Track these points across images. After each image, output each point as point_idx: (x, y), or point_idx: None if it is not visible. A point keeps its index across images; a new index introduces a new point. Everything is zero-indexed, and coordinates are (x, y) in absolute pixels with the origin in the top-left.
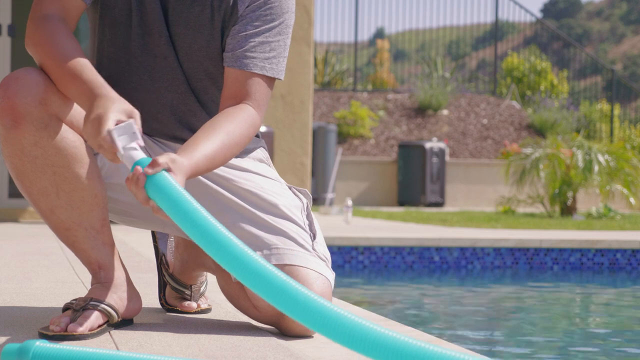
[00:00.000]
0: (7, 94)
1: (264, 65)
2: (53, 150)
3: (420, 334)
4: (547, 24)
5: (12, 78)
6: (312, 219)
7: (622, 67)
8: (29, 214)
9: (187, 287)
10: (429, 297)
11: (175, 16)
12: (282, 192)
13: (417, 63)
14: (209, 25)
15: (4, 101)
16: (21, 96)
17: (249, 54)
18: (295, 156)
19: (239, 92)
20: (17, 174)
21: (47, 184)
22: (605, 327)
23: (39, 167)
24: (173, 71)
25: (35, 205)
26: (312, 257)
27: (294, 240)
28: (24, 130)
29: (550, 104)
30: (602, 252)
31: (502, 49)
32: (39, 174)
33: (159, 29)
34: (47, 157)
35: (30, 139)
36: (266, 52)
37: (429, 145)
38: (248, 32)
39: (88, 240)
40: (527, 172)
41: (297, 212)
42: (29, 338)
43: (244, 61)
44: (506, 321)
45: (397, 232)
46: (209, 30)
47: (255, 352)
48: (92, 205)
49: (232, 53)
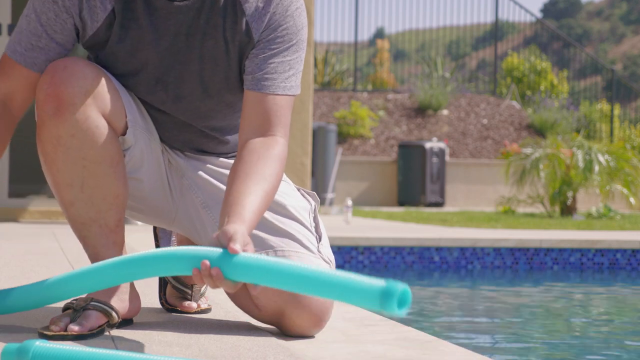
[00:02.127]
0: (54, 81)
1: (285, 85)
2: (89, 144)
3: (419, 334)
4: (547, 24)
5: (61, 66)
6: (319, 221)
7: (622, 67)
8: (29, 214)
9: (188, 286)
10: (429, 297)
11: (187, 55)
12: (291, 192)
13: (417, 63)
14: (225, 57)
15: (50, 87)
16: (68, 85)
17: (269, 75)
18: (295, 156)
19: (265, 120)
20: (47, 161)
21: (74, 176)
22: (605, 327)
23: (70, 158)
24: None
25: (57, 194)
26: (316, 259)
27: (300, 242)
28: (65, 120)
29: (550, 104)
30: (602, 252)
31: (502, 49)
32: (70, 165)
33: (155, 75)
34: (81, 150)
35: (69, 130)
36: (286, 71)
37: (429, 145)
38: (266, 54)
39: (100, 238)
40: (527, 172)
41: (305, 213)
42: (29, 338)
43: (265, 84)
44: (506, 321)
45: (397, 232)
46: (225, 62)
47: (255, 352)
48: (111, 204)
49: (252, 76)
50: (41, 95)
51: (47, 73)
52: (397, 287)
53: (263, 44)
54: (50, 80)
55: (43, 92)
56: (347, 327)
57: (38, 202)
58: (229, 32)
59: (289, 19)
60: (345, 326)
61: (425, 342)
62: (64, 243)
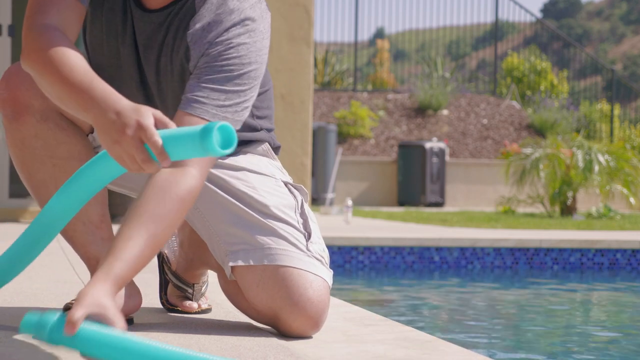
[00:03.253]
0: (10, 86)
1: (216, 113)
2: (54, 142)
3: (419, 334)
4: (547, 24)
5: (15, 70)
6: (307, 217)
7: (622, 67)
8: (29, 214)
9: (190, 285)
10: (428, 297)
11: (147, 64)
12: (274, 191)
13: (417, 63)
14: (178, 74)
15: (6, 92)
16: (23, 88)
17: (200, 99)
18: (295, 156)
19: None
20: (18, 164)
21: (46, 175)
22: (605, 327)
23: (38, 158)
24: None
25: (35, 196)
26: (306, 257)
27: (287, 240)
28: (25, 122)
29: (550, 104)
30: (602, 252)
31: (502, 49)
32: (39, 165)
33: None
34: (48, 149)
35: (31, 131)
36: (220, 100)
37: (429, 145)
38: (202, 78)
39: (86, 235)
40: (527, 172)
41: (290, 211)
42: (29, 338)
43: (193, 105)
44: (506, 321)
45: (397, 232)
46: (178, 80)
47: (256, 352)
48: (92, 201)
49: (185, 96)
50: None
51: (3, 79)
52: (215, 124)
53: (201, 70)
54: (6, 85)
55: (0, 97)
56: (347, 327)
57: None
58: (174, 53)
59: (231, 50)
60: (345, 326)
61: (425, 342)
62: (64, 243)
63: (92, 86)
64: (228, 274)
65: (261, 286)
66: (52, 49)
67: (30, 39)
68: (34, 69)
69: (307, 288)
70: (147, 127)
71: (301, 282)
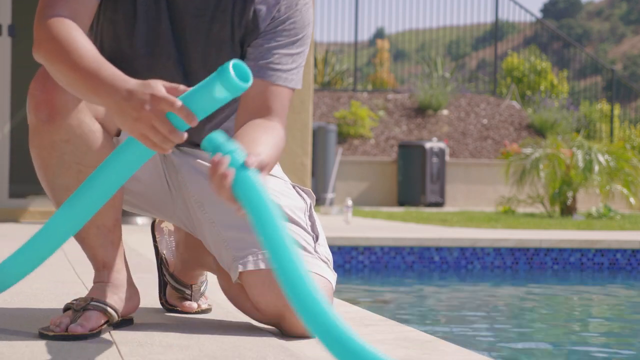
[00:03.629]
0: (47, 88)
1: (287, 77)
2: (84, 148)
3: (419, 334)
4: (547, 24)
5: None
6: (315, 220)
7: (622, 67)
8: (29, 214)
9: (187, 286)
10: (428, 297)
11: (194, 35)
12: (286, 192)
13: (417, 63)
14: (230, 42)
15: (42, 94)
16: (60, 91)
17: (273, 65)
18: (296, 156)
19: (264, 108)
20: (42, 166)
21: (70, 180)
22: (604, 327)
23: (65, 163)
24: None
25: (53, 198)
26: (313, 259)
27: (296, 242)
28: (59, 126)
29: (550, 104)
30: (602, 252)
31: (502, 49)
32: (64, 170)
33: (167, 51)
34: (76, 154)
35: (64, 135)
36: (289, 64)
37: (429, 145)
38: (271, 44)
39: (98, 238)
40: (527, 172)
41: (300, 213)
42: (29, 338)
43: (268, 72)
44: (506, 321)
45: (397, 232)
46: (229, 47)
47: (256, 352)
48: (108, 205)
49: (256, 63)
50: (33, 102)
51: (38, 81)
52: (229, 62)
53: (269, 35)
54: (42, 87)
55: (35, 99)
56: None
57: (38, 202)
58: (236, 17)
59: (297, 13)
60: None
61: (425, 342)
62: (65, 243)
63: (100, 70)
64: (234, 277)
65: (267, 284)
66: (61, 38)
67: (40, 30)
68: (46, 59)
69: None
70: (163, 96)
71: None
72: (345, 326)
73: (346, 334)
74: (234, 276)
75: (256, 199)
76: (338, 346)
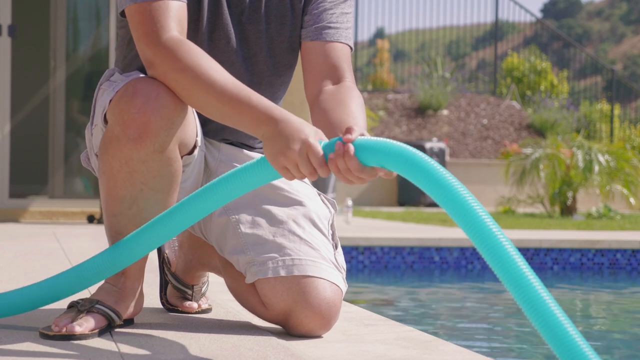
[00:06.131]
0: (145, 110)
1: (347, 35)
2: (155, 173)
3: (419, 334)
4: (547, 24)
5: (155, 93)
6: (335, 230)
7: (622, 67)
8: (30, 214)
9: (189, 287)
10: (429, 297)
11: (252, 14)
12: (313, 197)
13: (417, 63)
14: (290, 16)
15: (139, 115)
16: (158, 116)
17: (332, 24)
18: None
19: (332, 68)
20: (107, 173)
21: (129, 194)
22: (604, 327)
23: (132, 180)
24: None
25: (104, 202)
26: (331, 268)
27: (318, 251)
28: (143, 148)
29: (550, 104)
30: (602, 252)
31: (502, 49)
32: (128, 184)
33: (226, 35)
34: (146, 176)
35: (143, 157)
36: (345, 22)
37: (429, 145)
38: (326, 6)
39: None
40: (527, 172)
41: (325, 221)
42: (29, 338)
43: (330, 32)
44: (506, 321)
45: (397, 232)
46: (290, 20)
47: (256, 351)
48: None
49: (315, 27)
50: (125, 118)
51: (136, 97)
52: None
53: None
54: (142, 107)
55: (129, 116)
56: (347, 326)
57: (38, 202)
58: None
59: None
60: (345, 326)
61: (426, 342)
62: (65, 243)
63: (251, 100)
64: (250, 280)
65: (279, 281)
66: (195, 68)
67: (163, 57)
68: (182, 87)
69: (326, 288)
70: (316, 150)
71: (321, 285)
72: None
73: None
74: (250, 279)
75: (390, 149)
76: None
